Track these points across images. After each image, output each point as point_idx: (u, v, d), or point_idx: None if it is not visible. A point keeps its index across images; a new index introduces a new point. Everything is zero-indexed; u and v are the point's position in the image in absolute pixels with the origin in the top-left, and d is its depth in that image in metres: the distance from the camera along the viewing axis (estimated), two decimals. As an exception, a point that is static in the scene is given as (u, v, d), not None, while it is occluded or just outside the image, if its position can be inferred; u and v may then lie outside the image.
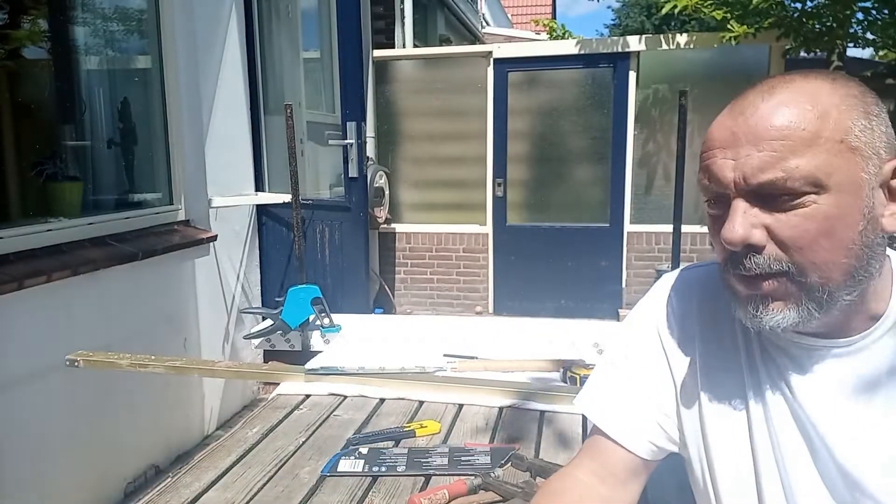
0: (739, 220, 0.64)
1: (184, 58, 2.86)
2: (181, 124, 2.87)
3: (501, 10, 13.04)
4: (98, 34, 2.90)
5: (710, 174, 0.66)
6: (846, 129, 0.62)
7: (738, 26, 3.86)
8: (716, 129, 0.67)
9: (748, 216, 0.64)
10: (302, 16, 3.81)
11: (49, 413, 2.12)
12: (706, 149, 0.68)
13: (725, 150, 0.65)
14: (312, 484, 1.14)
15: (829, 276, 0.63)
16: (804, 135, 0.61)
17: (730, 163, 0.64)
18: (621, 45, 4.38)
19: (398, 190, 4.85)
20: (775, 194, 0.62)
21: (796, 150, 0.61)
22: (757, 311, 0.66)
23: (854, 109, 0.63)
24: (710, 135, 0.68)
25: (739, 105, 0.66)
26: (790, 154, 0.61)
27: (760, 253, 0.64)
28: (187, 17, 2.86)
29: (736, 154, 0.64)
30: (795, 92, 0.64)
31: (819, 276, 0.63)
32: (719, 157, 0.65)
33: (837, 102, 0.63)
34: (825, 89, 0.64)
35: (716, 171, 0.65)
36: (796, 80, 0.65)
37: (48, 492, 2.12)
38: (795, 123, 0.62)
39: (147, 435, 2.60)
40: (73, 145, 2.71)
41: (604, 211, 4.56)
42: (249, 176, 3.42)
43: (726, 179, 0.64)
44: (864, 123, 0.63)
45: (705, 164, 0.67)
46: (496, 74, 4.59)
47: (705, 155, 0.68)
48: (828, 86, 0.64)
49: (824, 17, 3.87)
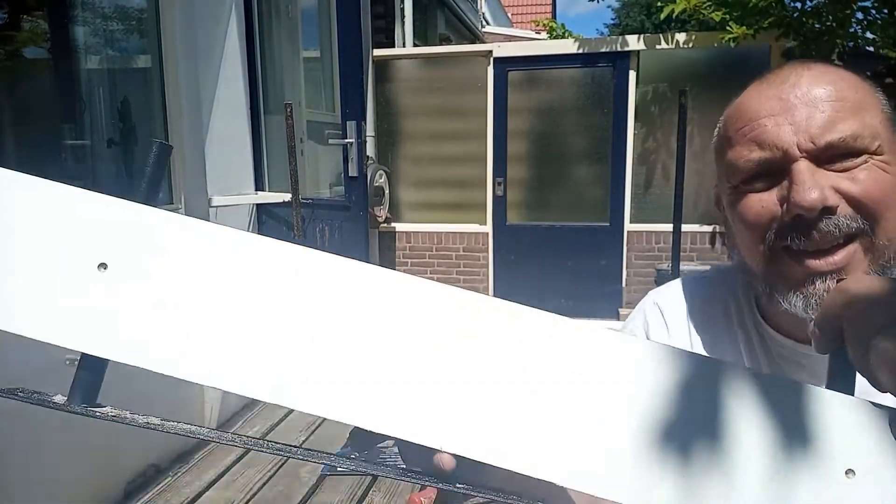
0: (811, 181, 0.59)
1: (184, 58, 2.86)
2: (181, 124, 2.87)
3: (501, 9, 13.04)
4: (98, 34, 2.90)
5: (763, 142, 0.62)
6: (881, 101, 0.63)
7: (738, 27, 3.86)
8: (756, 101, 0.64)
9: (817, 177, 0.60)
10: (302, 15, 3.81)
11: (49, 413, 2.12)
12: (748, 120, 0.64)
13: (777, 116, 0.62)
14: (312, 483, 1.14)
15: (893, 240, 0.61)
16: (856, 99, 0.61)
17: (787, 127, 0.61)
18: (621, 44, 4.38)
19: (398, 189, 4.85)
20: (839, 155, 0.60)
21: (855, 111, 0.60)
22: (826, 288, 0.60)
23: (875, 88, 0.64)
24: (750, 106, 0.65)
25: (778, 77, 0.64)
26: (850, 114, 0.60)
27: (835, 214, 0.59)
28: (187, 16, 2.86)
29: (793, 118, 0.61)
30: (830, 66, 0.64)
31: (887, 237, 0.60)
32: (771, 124, 0.62)
33: (863, 79, 0.64)
34: (845, 70, 0.65)
35: (770, 137, 0.62)
36: (819, 62, 0.65)
37: (48, 492, 2.13)
38: (847, 88, 0.62)
39: (147, 434, 2.59)
40: (73, 145, 2.71)
41: (604, 210, 4.56)
42: (249, 175, 3.43)
43: (786, 143, 0.61)
44: (884, 101, 0.64)
45: (752, 134, 0.63)
46: (496, 74, 4.58)
47: (749, 126, 0.64)
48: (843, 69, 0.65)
49: (824, 17, 3.87)
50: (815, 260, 0.61)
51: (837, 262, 0.60)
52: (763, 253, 0.64)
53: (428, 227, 4.85)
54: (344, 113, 3.21)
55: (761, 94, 0.64)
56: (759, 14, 3.86)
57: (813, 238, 0.60)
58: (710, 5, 3.98)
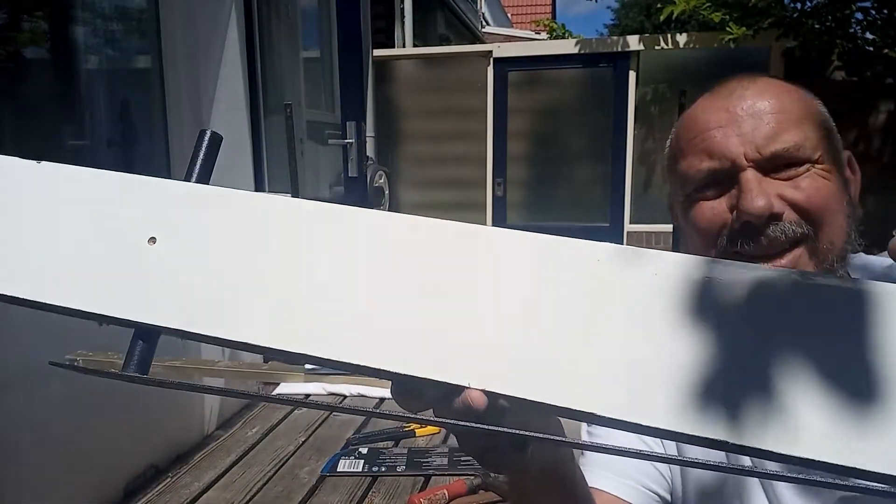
0: (758, 189, 0.62)
1: (184, 58, 2.86)
2: (181, 124, 2.87)
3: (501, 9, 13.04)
4: (98, 34, 2.90)
5: (712, 152, 0.65)
6: (822, 112, 0.67)
7: (737, 28, 3.86)
8: (705, 113, 0.67)
9: (764, 185, 0.63)
10: (302, 16, 3.81)
11: (49, 413, 2.12)
12: (698, 131, 0.67)
13: (725, 127, 0.65)
14: (312, 484, 1.14)
15: (835, 243, 0.64)
16: (799, 111, 0.65)
17: (734, 138, 0.64)
18: (621, 44, 4.38)
19: (398, 189, 4.85)
20: (783, 163, 0.63)
21: (797, 123, 0.64)
22: None
23: (816, 99, 0.68)
24: (698, 118, 0.67)
25: (724, 90, 0.67)
26: (793, 126, 0.64)
27: (781, 220, 0.62)
28: (187, 17, 2.86)
29: (739, 129, 0.64)
30: (772, 80, 0.68)
31: (830, 241, 0.63)
32: (719, 135, 0.65)
33: (805, 92, 0.68)
34: (788, 83, 0.68)
35: (719, 147, 0.64)
36: (762, 76, 0.69)
37: (48, 492, 2.12)
38: (788, 101, 0.65)
39: (146, 435, 2.60)
40: (73, 145, 2.71)
41: (603, 210, 4.56)
42: (249, 175, 3.42)
43: (733, 153, 0.64)
44: (826, 112, 0.68)
45: (703, 144, 0.66)
46: (496, 74, 4.59)
47: (699, 137, 0.66)
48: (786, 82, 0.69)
49: (824, 18, 3.87)
50: (763, 264, 0.62)
51: (784, 266, 0.63)
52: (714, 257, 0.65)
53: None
54: (344, 113, 3.21)
55: (710, 107, 0.67)
56: (759, 15, 3.86)
57: (761, 243, 0.63)
58: (710, 6, 3.98)
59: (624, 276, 0.34)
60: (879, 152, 4.05)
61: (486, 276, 0.36)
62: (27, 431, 2.04)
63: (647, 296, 0.34)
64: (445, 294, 0.36)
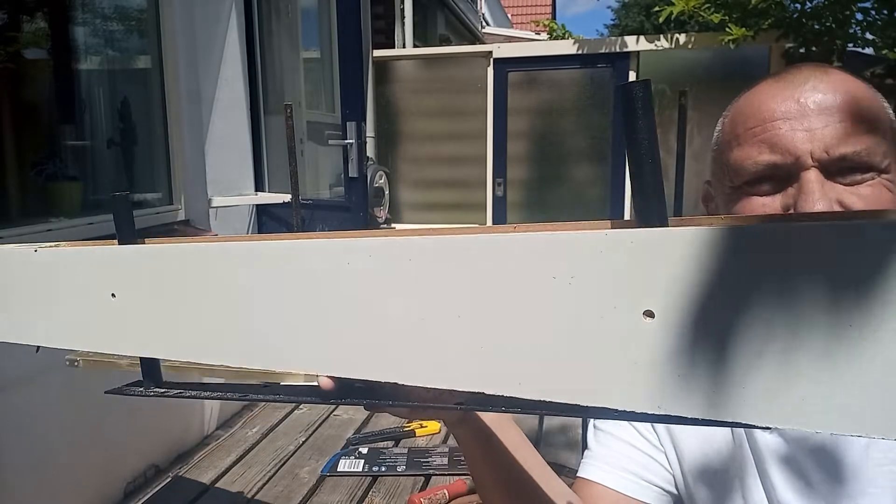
0: (820, 192, 0.58)
1: (184, 58, 2.86)
2: (181, 124, 2.87)
3: (501, 9, 13.05)
4: (98, 34, 2.90)
5: (775, 145, 0.60)
6: (892, 116, 0.63)
7: (737, 29, 3.86)
8: (772, 100, 0.62)
9: (826, 189, 0.58)
10: (302, 16, 3.81)
11: (49, 413, 2.12)
12: (762, 120, 0.61)
13: (792, 120, 0.60)
14: (312, 484, 1.14)
15: None
16: (872, 112, 0.60)
17: (802, 133, 0.59)
18: (621, 45, 4.38)
19: (398, 190, 4.85)
20: (849, 168, 0.59)
21: (871, 126, 0.59)
22: None
23: (885, 103, 0.63)
24: (764, 105, 0.62)
25: (796, 77, 0.62)
26: (866, 129, 0.59)
27: None
28: (187, 16, 2.86)
29: (809, 125, 0.59)
30: (846, 76, 0.62)
31: None
32: (785, 128, 0.60)
33: (876, 93, 0.63)
34: (861, 80, 0.63)
35: (784, 142, 0.60)
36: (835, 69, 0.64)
37: (48, 491, 2.12)
38: (862, 101, 0.60)
39: (147, 434, 2.60)
40: (73, 145, 2.71)
41: (603, 210, 4.56)
42: (249, 176, 3.43)
43: (799, 150, 0.59)
44: (892, 115, 0.63)
45: (765, 135, 0.61)
46: (496, 74, 4.59)
47: (761, 127, 0.61)
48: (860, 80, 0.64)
49: (824, 18, 3.88)
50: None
51: None
52: None
53: (428, 227, 4.84)
54: (344, 113, 3.21)
55: (777, 94, 0.62)
56: (759, 15, 3.86)
57: None
58: (709, 7, 3.98)
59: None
60: (879, 153, 4.05)
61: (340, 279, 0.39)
62: (27, 431, 2.04)
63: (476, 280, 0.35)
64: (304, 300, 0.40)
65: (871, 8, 3.81)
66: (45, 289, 0.49)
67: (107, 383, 0.51)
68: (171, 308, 0.44)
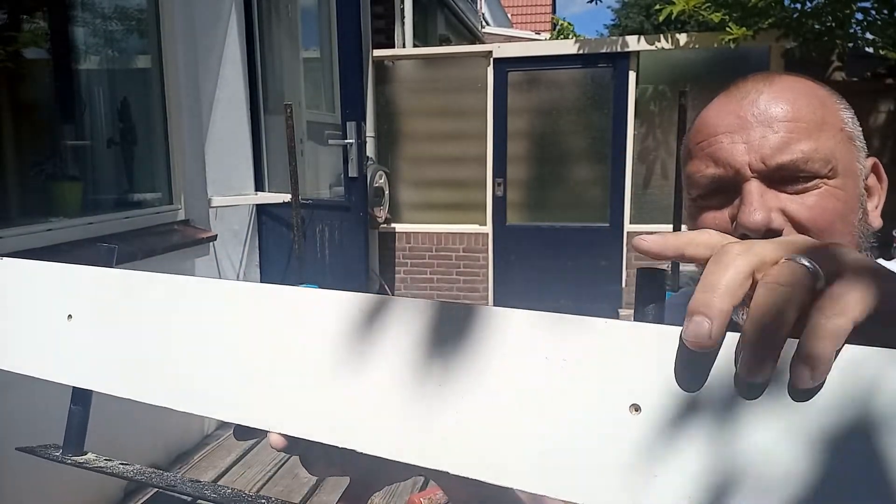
0: (758, 202, 0.60)
1: (184, 58, 2.86)
2: (181, 124, 2.87)
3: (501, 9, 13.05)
4: (98, 34, 2.90)
5: (717, 159, 0.63)
6: (842, 119, 0.64)
7: (737, 28, 3.86)
8: (715, 115, 0.65)
9: (766, 199, 0.61)
10: (302, 15, 3.81)
11: (48, 412, 2.12)
12: (706, 136, 0.65)
13: (733, 133, 0.63)
14: (312, 484, 1.14)
15: None
16: (814, 118, 0.62)
17: (741, 146, 0.62)
18: (621, 44, 4.38)
19: (398, 190, 4.85)
20: (790, 177, 0.61)
21: (810, 133, 0.61)
22: None
23: (841, 102, 0.65)
24: (709, 121, 0.66)
25: (739, 92, 0.65)
26: (805, 136, 0.60)
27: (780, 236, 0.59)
28: (187, 16, 2.86)
29: (748, 137, 0.62)
30: (792, 82, 0.64)
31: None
32: (726, 142, 0.63)
33: (828, 94, 0.65)
34: (812, 83, 0.65)
35: (724, 155, 0.63)
36: (784, 75, 0.66)
37: (48, 491, 2.13)
38: (805, 108, 0.62)
39: (146, 434, 2.60)
40: (73, 145, 2.71)
41: (603, 211, 4.56)
42: (249, 175, 3.43)
43: (738, 162, 0.62)
44: (850, 116, 0.65)
45: (709, 150, 0.64)
46: (496, 74, 4.59)
47: (706, 142, 0.65)
48: (812, 81, 0.66)
49: (824, 18, 3.88)
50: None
51: None
52: None
53: (428, 227, 4.85)
54: (344, 113, 3.21)
55: (721, 109, 0.65)
56: (759, 15, 3.86)
57: None
58: (710, 6, 3.98)
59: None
60: (879, 152, 4.06)
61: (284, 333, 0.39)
62: (26, 430, 2.04)
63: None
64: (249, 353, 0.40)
65: (871, 8, 3.81)
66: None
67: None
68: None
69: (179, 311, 0.42)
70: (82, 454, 0.56)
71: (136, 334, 0.44)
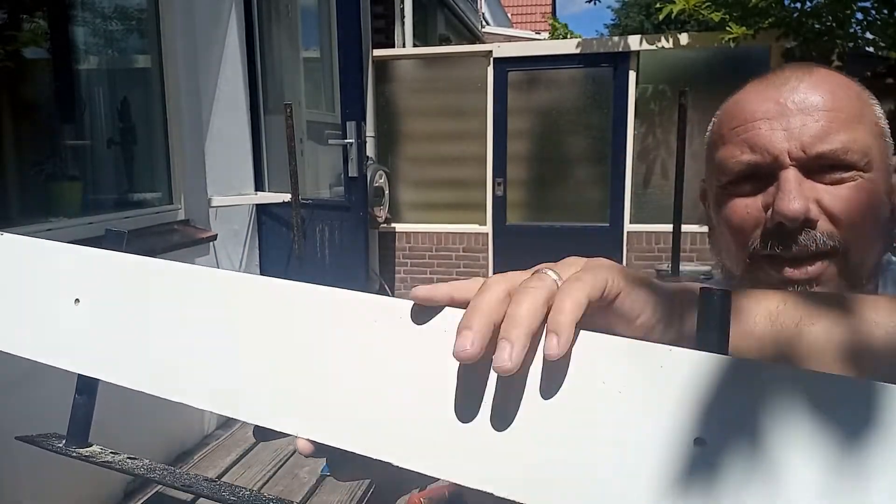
0: (797, 191, 0.59)
1: (184, 58, 2.86)
2: (181, 124, 2.87)
3: (501, 9, 13.05)
4: (98, 34, 2.90)
5: (755, 145, 0.62)
6: (876, 114, 0.63)
7: (737, 28, 3.86)
8: (754, 101, 0.63)
9: (804, 188, 0.60)
10: (302, 15, 3.81)
11: (48, 412, 2.12)
12: (744, 121, 0.63)
13: (772, 120, 0.61)
14: (312, 484, 1.14)
15: (866, 261, 0.62)
16: (853, 110, 0.61)
17: (780, 133, 0.60)
18: (621, 44, 4.38)
19: (398, 189, 4.85)
20: (829, 166, 0.60)
21: (849, 124, 0.60)
22: None
23: (873, 99, 0.65)
24: (747, 106, 0.64)
25: (778, 79, 0.64)
26: (844, 127, 0.60)
27: (814, 228, 0.60)
28: (187, 16, 2.86)
29: (787, 124, 0.60)
30: (829, 74, 0.64)
31: (861, 258, 0.61)
32: (765, 128, 0.61)
33: (861, 89, 0.64)
34: (846, 77, 0.64)
35: (763, 141, 0.61)
36: (820, 67, 0.65)
37: (48, 491, 2.12)
38: (844, 99, 0.61)
39: (146, 434, 2.60)
40: (73, 145, 2.71)
41: (603, 210, 4.56)
42: (249, 175, 3.42)
43: (777, 149, 0.60)
44: (881, 112, 0.64)
45: (745, 136, 0.63)
46: (496, 74, 4.59)
47: (742, 128, 0.63)
48: (845, 76, 0.65)
49: (824, 18, 3.88)
50: (791, 269, 0.61)
51: (811, 273, 0.61)
52: (745, 259, 0.64)
53: (428, 227, 4.85)
54: (344, 113, 3.21)
55: (759, 95, 0.64)
56: (759, 14, 3.86)
57: (792, 247, 0.60)
58: (710, 6, 3.98)
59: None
60: (879, 152, 4.05)
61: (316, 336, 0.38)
62: (27, 431, 2.04)
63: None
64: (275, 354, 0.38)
65: (871, 7, 3.81)
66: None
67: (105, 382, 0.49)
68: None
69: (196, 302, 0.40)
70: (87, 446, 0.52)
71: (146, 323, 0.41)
